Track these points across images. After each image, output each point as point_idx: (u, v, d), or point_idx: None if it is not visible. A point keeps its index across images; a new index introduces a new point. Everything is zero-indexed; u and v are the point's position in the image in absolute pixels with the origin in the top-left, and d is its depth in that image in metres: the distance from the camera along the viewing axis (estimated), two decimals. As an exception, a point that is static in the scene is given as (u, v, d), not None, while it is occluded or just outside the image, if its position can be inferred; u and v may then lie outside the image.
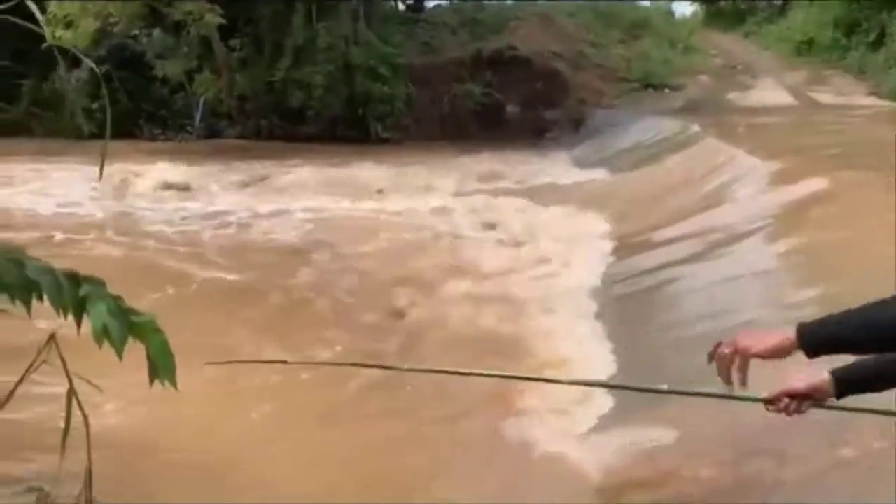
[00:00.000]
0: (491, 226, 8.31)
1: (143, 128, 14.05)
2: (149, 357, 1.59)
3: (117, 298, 1.57)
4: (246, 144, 13.56)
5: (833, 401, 1.64)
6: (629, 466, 3.24)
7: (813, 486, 2.62)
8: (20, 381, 1.75)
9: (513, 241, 7.62)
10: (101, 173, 4.19)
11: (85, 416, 1.79)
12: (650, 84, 16.54)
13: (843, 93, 14.48)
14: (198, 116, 14.46)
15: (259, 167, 11.54)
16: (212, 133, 14.41)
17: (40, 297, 1.54)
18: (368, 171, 11.36)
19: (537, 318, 5.21)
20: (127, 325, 1.54)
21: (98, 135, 13.54)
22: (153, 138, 13.94)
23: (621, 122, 13.21)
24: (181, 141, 14.06)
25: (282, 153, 12.48)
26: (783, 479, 2.73)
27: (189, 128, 14.46)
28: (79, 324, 1.56)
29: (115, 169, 10.74)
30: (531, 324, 4.95)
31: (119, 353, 1.56)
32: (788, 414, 1.68)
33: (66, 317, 1.54)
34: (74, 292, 1.54)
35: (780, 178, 7.72)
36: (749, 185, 8.10)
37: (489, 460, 3.51)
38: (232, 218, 9.01)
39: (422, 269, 6.53)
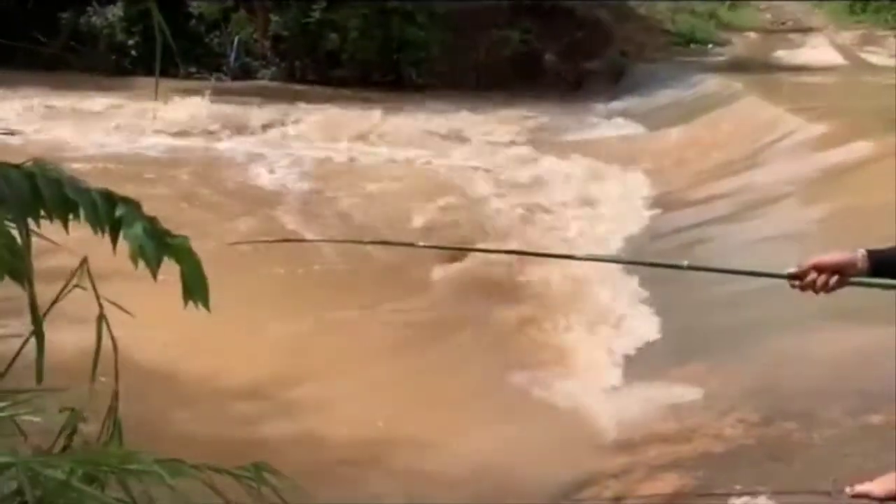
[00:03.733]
0: (524, 179, 8.21)
1: (178, 66, 14.01)
2: (183, 278, 1.59)
3: (152, 220, 1.57)
4: (277, 86, 13.49)
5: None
6: (651, 421, 3.24)
7: (840, 451, 2.59)
8: (53, 302, 1.77)
9: (547, 195, 7.53)
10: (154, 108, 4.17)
11: (114, 340, 1.81)
12: (694, 39, 16.07)
13: (896, 54, 13.94)
14: (232, 56, 14.37)
15: (284, 111, 11.46)
16: (246, 73, 14.34)
17: (77, 215, 1.55)
18: (400, 117, 11.26)
19: (561, 276, 5.17)
20: (162, 246, 1.54)
21: (132, 71, 13.57)
22: (188, 76, 13.91)
23: (662, 77, 12.88)
24: (216, 81, 14.01)
25: (311, 96, 12.40)
26: (810, 441, 2.70)
27: (224, 67, 14.40)
28: (114, 242, 1.57)
29: (144, 106, 10.76)
30: (568, 278, 4.91)
31: (154, 274, 1.57)
32: (815, 290, 1.64)
33: (102, 234, 1.55)
34: (110, 212, 1.54)
35: (824, 141, 7.51)
36: (791, 146, 7.90)
37: (509, 411, 3.53)
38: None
39: (450, 222, 6.48)
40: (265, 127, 10.48)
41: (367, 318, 4.48)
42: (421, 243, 3.45)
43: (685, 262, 1.96)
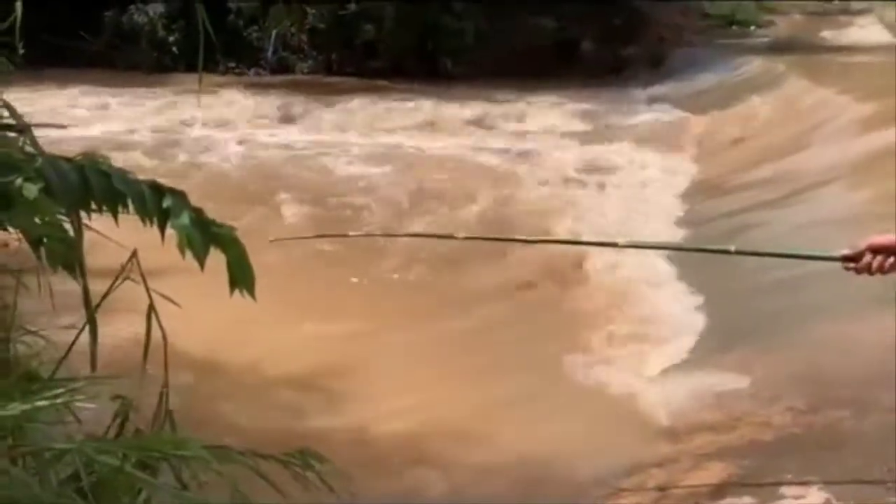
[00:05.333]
0: (568, 167, 8.15)
1: (218, 61, 14.20)
2: (229, 267, 1.62)
3: (198, 210, 1.59)
4: (315, 79, 13.58)
5: None
6: (698, 410, 3.19)
7: (892, 438, 2.51)
8: (105, 294, 1.81)
9: (591, 181, 7.47)
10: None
11: (163, 332, 1.84)
12: (735, 21, 15.71)
13: (950, 33, 13.45)
14: (270, 50, 14.51)
15: (325, 102, 11.52)
16: (284, 67, 14.47)
17: (126, 207, 1.58)
18: (440, 106, 11.24)
19: (603, 264, 5.12)
20: (208, 236, 1.57)
21: (173, 67, 13.78)
22: (227, 71, 14.09)
23: (703, 61, 12.62)
24: (255, 75, 14.16)
25: (349, 88, 12.45)
26: (861, 429, 2.64)
27: (262, 62, 14.54)
28: (163, 233, 1.60)
29: (188, 100, 10.92)
30: (612, 265, 4.87)
31: (201, 263, 1.59)
32: (871, 272, 1.59)
33: (150, 225, 1.58)
34: (158, 203, 1.57)
35: (872, 122, 7.30)
36: (838, 129, 7.70)
37: (554, 401, 3.52)
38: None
39: (497, 212, 6.47)
40: (308, 118, 10.56)
41: (412, 311, 4.50)
42: (461, 234, 3.44)
43: (732, 247, 1.93)
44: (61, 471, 1.44)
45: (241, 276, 1.65)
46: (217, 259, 1.73)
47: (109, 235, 1.85)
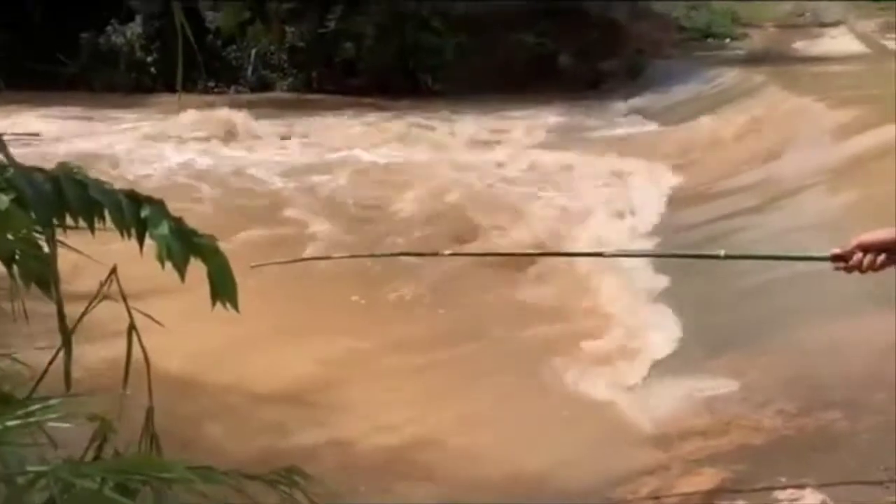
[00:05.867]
0: (549, 180, 8.16)
1: (196, 81, 14.16)
2: (210, 279, 1.57)
3: (178, 220, 1.55)
4: (295, 97, 13.56)
5: None
6: (686, 416, 3.17)
7: (886, 439, 2.50)
8: (84, 312, 1.76)
9: (573, 193, 7.48)
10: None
11: (145, 352, 1.79)
12: (711, 34, 15.93)
13: (919, 41, 13.70)
14: (250, 69, 14.50)
15: (304, 121, 11.48)
16: (264, 85, 14.46)
17: (102, 218, 1.53)
18: (420, 123, 11.25)
19: (589, 273, 5.11)
20: (188, 246, 1.52)
21: (152, 88, 13.71)
22: (207, 90, 14.05)
23: (680, 73, 12.77)
24: (235, 93, 14.13)
25: (330, 105, 12.44)
26: (854, 430, 2.62)
27: (242, 80, 14.52)
28: (141, 243, 1.55)
29: (167, 120, 10.86)
30: (597, 274, 4.86)
31: (181, 274, 1.54)
32: (862, 270, 1.56)
33: (128, 236, 1.53)
34: (136, 213, 1.52)
35: (848, 128, 7.38)
36: (816, 135, 7.78)
37: (541, 411, 3.48)
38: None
39: (465, 227, 6.45)
40: (285, 137, 10.51)
41: (393, 325, 4.46)
42: (446, 252, 3.42)
43: (722, 252, 1.90)
44: (36, 496, 1.39)
45: (223, 288, 1.60)
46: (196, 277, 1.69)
47: (88, 260, 1.80)
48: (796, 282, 3.96)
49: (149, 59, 14.10)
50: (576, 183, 7.91)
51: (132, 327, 1.78)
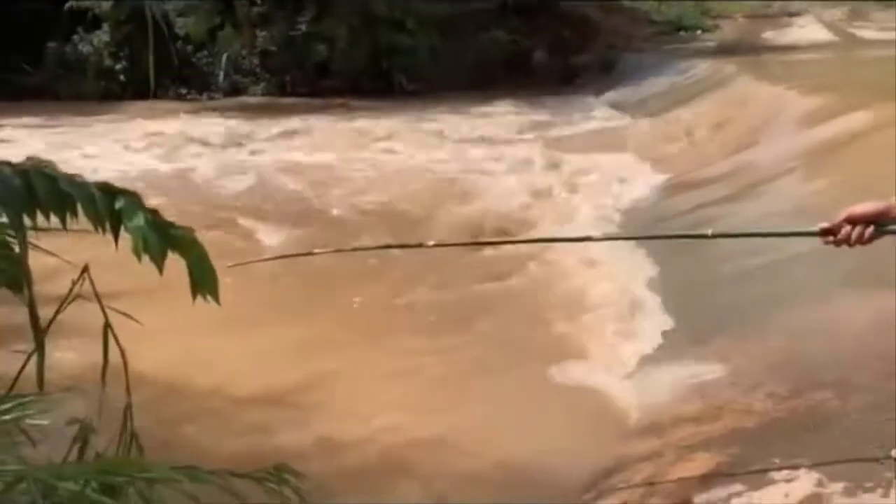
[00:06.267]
0: (526, 174, 8.15)
1: (167, 87, 13.99)
2: (189, 271, 1.51)
3: (154, 212, 1.49)
4: (267, 101, 13.44)
5: None
6: (675, 402, 3.15)
7: (878, 417, 2.50)
8: (57, 311, 1.70)
9: (551, 187, 7.48)
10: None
11: (122, 351, 1.73)
12: (682, 27, 16.05)
13: (886, 28, 13.90)
14: (221, 74, 14.33)
15: (279, 124, 11.38)
16: (236, 90, 14.30)
17: (74, 212, 1.47)
18: (395, 123, 11.20)
19: (575, 263, 5.10)
20: (165, 238, 1.47)
21: (120, 95, 13.51)
22: (178, 97, 13.87)
23: (653, 66, 12.83)
24: (208, 99, 13.96)
25: (303, 108, 12.34)
26: (846, 409, 2.62)
27: (213, 86, 14.35)
28: (116, 237, 1.49)
29: (142, 127, 10.71)
30: (580, 262, 4.85)
31: (159, 267, 1.49)
32: (850, 244, 1.54)
33: (103, 231, 1.47)
34: (110, 205, 1.46)
35: (819, 115, 7.46)
36: (789, 123, 7.85)
37: (530, 403, 3.45)
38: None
39: (464, 220, 6.41)
40: (263, 141, 10.40)
41: (378, 322, 4.41)
42: (430, 242, 3.38)
43: (709, 231, 1.88)
44: (17, 500, 1.32)
45: (203, 281, 1.54)
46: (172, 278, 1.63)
47: (61, 264, 1.73)
48: (782, 265, 3.97)
49: (117, 66, 13.89)
50: (551, 177, 7.91)
51: (107, 325, 1.72)
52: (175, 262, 1.69)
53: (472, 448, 2.99)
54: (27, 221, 1.48)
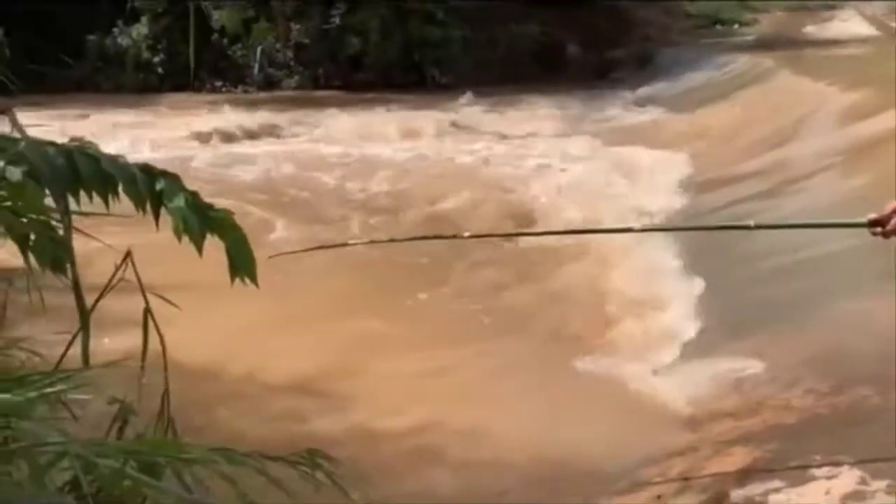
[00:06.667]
0: (562, 169, 8.10)
1: (204, 80, 14.17)
2: (228, 254, 1.52)
3: (194, 193, 1.50)
4: (301, 94, 13.52)
5: None
6: (713, 397, 3.11)
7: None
8: (101, 294, 1.72)
9: (587, 182, 7.43)
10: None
11: (161, 336, 1.75)
12: (719, 20, 15.82)
13: (930, 22, 13.55)
14: (256, 67, 14.46)
15: (315, 117, 11.43)
16: (270, 83, 14.42)
17: (116, 192, 1.49)
18: (430, 116, 11.19)
19: (614, 257, 5.05)
20: (205, 220, 1.47)
21: (158, 87, 13.70)
22: (214, 90, 14.04)
23: (690, 60, 12.65)
24: (243, 92, 14.11)
25: (337, 101, 12.38)
26: (887, 405, 2.55)
27: (248, 79, 14.48)
28: (157, 217, 1.50)
29: (177, 120, 10.84)
30: (618, 257, 4.80)
31: (199, 248, 1.49)
32: None
33: (143, 212, 1.48)
34: (151, 186, 1.47)
35: (858, 111, 7.30)
36: (827, 119, 7.70)
37: (566, 395, 3.42)
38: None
39: (495, 212, 6.39)
40: (299, 134, 10.45)
41: (413, 311, 4.41)
42: (466, 234, 3.37)
43: (752, 223, 1.83)
44: (58, 476, 1.34)
45: (241, 264, 1.55)
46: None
47: (102, 252, 1.75)
48: (819, 261, 3.89)
49: (155, 59, 14.09)
50: (588, 172, 7.85)
51: (147, 311, 1.74)
52: (211, 253, 1.71)
53: (505, 438, 2.97)
54: (71, 201, 1.50)
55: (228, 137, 10.25)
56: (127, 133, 10.28)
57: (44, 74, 12.80)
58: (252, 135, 10.44)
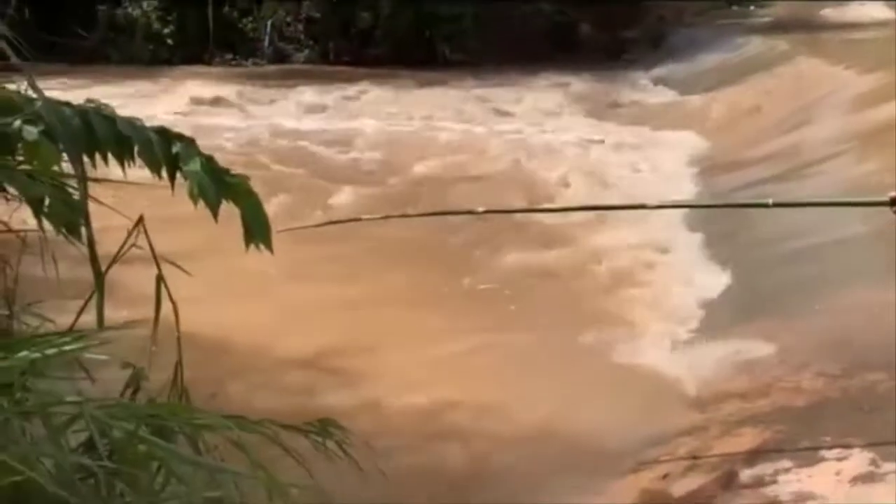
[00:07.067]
0: (575, 148, 8.04)
1: (214, 53, 14.10)
2: (243, 220, 1.51)
3: (209, 158, 1.48)
4: (311, 68, 13.44)
5: None
6: (723, 378, 3.10)
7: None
8: (116, 257, 1.71)
9: (599, 163, 7.38)
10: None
11: (173, 302, 1.74)
12: (735, 1, 15.60)
13: (952, 6, 13.32)
14: (266, 40, 14.37)
15: (324, 91, 11.36)
16: (281, 57, 14.34)
17: (132, 155, 1.47)
18: (441, 92, 11.12)
19: (626, 237, 5.02)
20: (221, 185, 1.46)
21: (168, 59, 13.64)
22: (224, 63, 13.97)
23: (704, 41, 12.50)
24: (253, 65, 14.03)
25: (349, 76, 12.30)
26: (899, 390, 2.54)
27: (259, 52, 14.40)
28: (172, 180, 1.49)
29: (188, 91, 10.79)
30: (630, 237, 4.78)
31: (214, 213, 1.48)
32: None
33: (159, 175, 1.47)
34: (167, 149, 1.46)
35: (875, 95, 7.21)
36: (843, 102, 7.61)
37: (576, 372, 3.42)
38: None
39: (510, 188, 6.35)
40: (312, 108, 10.38)
41: (424, 288, 4.40)
42: (480, 209, 3.36)
43: (770, 201, 1.81)
44: (72, 438, 1.34)
45: (257, 230, 1.54)
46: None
47: (114, 223, 1.74)
48: (834, 246, 3.86)
49: (165, 30, 14.01)
50: (599, 153, 7.81)
51: (160, 277, 1.73)
52: (224, 224, 1.70)
53: (516, 415, 2.98)
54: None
55: (225, 107, 10.18)
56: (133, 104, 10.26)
57: (54, 45, 12.77)
58: (256, 106, 10.38)
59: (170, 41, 14.03)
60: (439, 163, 7.40)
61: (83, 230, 1.61)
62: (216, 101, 10.42)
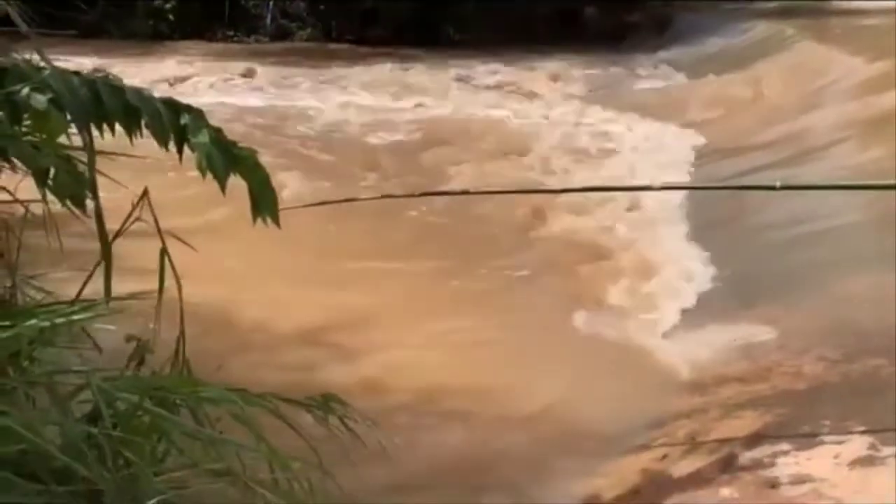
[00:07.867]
0: (579, 131, 8.02)
1: (216, 30, 14.00)
2: (251, 193, 1.50)
3: (218, 130, 1.48)
4: (313, 46, 13.37)
5: None
6: (722, 362, 3.11)
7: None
8: (121, 228, 1.71)
9: (602, 146, 7.36)
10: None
11: (177, 277, 1.74)
12: (740, -16, 15.45)
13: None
14: (269, 18, 14.27)
15: (329, 70, 11.30)
16: (283, 35, 14.26)
17: (139, 126, 1.46)
18: (444, 73, 11.06)
19: (627, 220, 5.01)
20: (229, 157, 1.45)
21: (169, 35, 13.54)
22: (226, 39, 13.88)
23: (709, 26, 12.41)
24: (255, 42, 13.95)
25: (350, 55, 12.23)
26: (900, 376, 2.54)
27: (261, 30, 14.31)
28: (180, 151, 1.48)
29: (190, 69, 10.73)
30: (629, 221, 4.77)
31: (222, 186, 1.48)
32: None
33: (167, 147, 1.46)
34: (175, 120, 1.45)
35: (882, 82, 7.17)
36: (848, 89, 7.57)
37: (574, 355, 3.43)
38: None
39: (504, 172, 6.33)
40: (316, 87, 10.34)
41: (423, 268, 4.40)
42: (472, 189, 3.35)
43: (777, 183, 1.80)
44: (77, 409, 1.35)
45: (264, 203, 1.54)
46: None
47: (119, 202, 1.73)
48: (835, 232, 3.86)
49: (167, 6, 13.91)
50: (604, 136, 7.78)
51: (164, 251, 1.73)
52: (228, 201, 1.68)
53: (516, 397, 2.99)
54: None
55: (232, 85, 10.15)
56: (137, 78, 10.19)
57: (54, 18, 12.69)
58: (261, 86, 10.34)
59: (170, 16, 13.93)
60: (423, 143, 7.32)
61: (88, 202, 1.60)
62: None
